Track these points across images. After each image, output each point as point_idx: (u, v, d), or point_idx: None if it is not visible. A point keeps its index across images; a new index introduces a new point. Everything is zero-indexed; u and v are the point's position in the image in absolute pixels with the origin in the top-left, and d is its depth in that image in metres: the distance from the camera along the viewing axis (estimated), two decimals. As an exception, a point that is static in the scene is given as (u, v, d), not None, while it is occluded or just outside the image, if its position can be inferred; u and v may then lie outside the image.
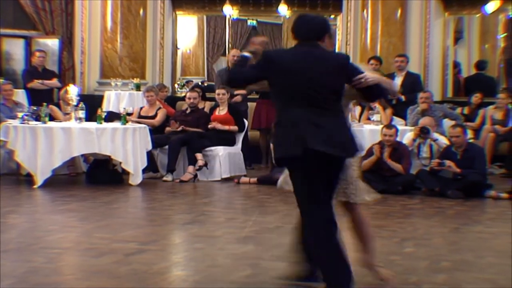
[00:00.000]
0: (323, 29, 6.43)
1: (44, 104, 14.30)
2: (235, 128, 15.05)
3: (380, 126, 14.01)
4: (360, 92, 6.41)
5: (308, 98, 6.07)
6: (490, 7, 17.81)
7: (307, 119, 6.00)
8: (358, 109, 15.65)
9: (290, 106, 6.11)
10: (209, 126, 15.00)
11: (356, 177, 6.72)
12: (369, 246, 6.92)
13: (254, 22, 22.25)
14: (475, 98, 16.87)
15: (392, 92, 6.95)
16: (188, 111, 15.40)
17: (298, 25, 6.42)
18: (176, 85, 19.29)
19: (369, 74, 6.39)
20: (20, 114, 13.88)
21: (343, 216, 6.70)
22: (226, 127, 14.99)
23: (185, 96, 16.21)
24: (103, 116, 14.20)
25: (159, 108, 15.54)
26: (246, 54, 6.47)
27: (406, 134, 14.41)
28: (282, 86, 6.19)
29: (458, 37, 20.02)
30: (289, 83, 6.12)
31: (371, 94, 6.54)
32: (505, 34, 19.44)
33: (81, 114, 13.90)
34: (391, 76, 16.43)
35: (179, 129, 14.93)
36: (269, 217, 10.79)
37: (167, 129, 15.16)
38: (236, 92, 15.77)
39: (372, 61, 16.58)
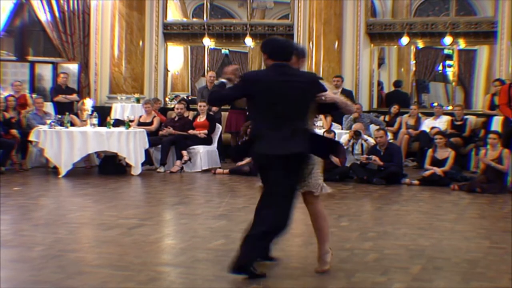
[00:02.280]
0: (292, 51, 6.09)
1: (67, 113, 14.35)
2: (205, 131, 15.05)
3: (323, 130, 14.05)
4: (318, 106, 6.07)
5: (278, 110, 5.84)
6: (404, 41, 17.90)
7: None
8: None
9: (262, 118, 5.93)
10: (189, 132, 14.97)
11: (317, 172, 6.23)
12: (322, 238, 6.28)
13: (227, 51, 22.19)
14: (394, 108, 16.93)
15: (346, 111, 6.36)
16: (176, 119, 15.35)
17: (273, 47, 6.03)
18: (167, 99, 19.21)
19: (328, 93, 6.05)
20: (48, 121, 13.85)
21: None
22: (197, 132, 15.00)
23: (174, 107, 16.18)
24: (111, 123, 14.19)
25: (154, 116, 15.51)
26: (223, 80, 6.17)
27: (342, 136, 14.48)
28: (260, 102, 5.91)
29: (380, 63, 20.08)
30: (266, 99, 5.87)
31: (324, 109, 6.28)
32: (415, 61, 19.55)
33: (95, 121, 13.89)
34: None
35: (169, 129, 14.91)
36: (238, 199, 10.79)
37: (161, 132, 15.10)
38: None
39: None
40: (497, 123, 13.91)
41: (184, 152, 14.45)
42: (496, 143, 12.29)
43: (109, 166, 14.04)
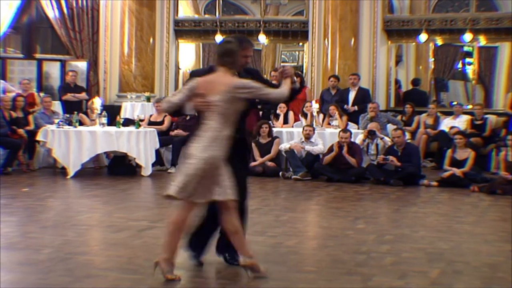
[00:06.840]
0: None
1: (75, 112, 14.39)
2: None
3: (338, 130, 14.03)
4: None
5: None
6: (422, 38, 17.86)
7: None
8: (321, 116, 15.59)
9: None
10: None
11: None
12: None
13: (240, 48, 22.17)
14: (407, 108, 16.86)
15: None
16: (188, 118, 15.35)
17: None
18: (178, 98, 19.22)
19: None
20: (56, 120, 13.89)
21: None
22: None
23: (185, 106, 16.18)
24: (121, 122, 14.19)
25: (165, 116, 15.49)
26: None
27: (358, 136, 14.44)
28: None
29: (398, 60, 20.02)
30: None
31: None
32: (434, 58, 19.50)
33: (104, 120, 13.91)
34: (347, 90, 16.48)
35: (179, 131, 14.93)
36: (250, 201, 10.69)
37: (172, 132, 15.09)
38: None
39: (332, 79, 16.61)
40: (518, 123, 13.88)
41: (196, 152, 14.44)
42: (516, 144, 12.27)
43: (119, 167, 14.06)
